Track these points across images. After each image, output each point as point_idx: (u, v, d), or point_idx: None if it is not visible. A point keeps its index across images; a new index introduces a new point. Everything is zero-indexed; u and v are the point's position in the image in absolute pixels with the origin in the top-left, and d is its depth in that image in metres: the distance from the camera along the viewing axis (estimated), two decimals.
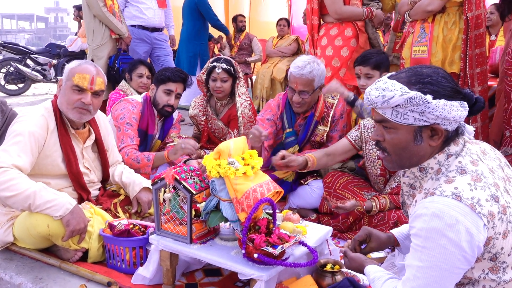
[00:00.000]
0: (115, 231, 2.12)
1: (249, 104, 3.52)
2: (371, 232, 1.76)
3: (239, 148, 1.85)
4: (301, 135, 2.96)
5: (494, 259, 1.29)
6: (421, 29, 3.05)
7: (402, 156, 1.43)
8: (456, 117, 1.34)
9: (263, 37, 7.65)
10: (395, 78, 1.40)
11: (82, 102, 2.27)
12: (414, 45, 3.06)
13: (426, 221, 1.26)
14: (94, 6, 4.42)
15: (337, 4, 3.41)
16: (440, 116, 1.33)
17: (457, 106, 1.33)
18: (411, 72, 1.38)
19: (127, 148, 2.85)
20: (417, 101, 1.32)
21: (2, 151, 2.14)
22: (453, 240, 1.22)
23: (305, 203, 2.91)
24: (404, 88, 1.34)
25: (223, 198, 1.79)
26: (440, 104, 1.31)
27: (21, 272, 2.15)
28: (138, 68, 4.05)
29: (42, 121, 2.24)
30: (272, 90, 6.27)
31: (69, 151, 2.30)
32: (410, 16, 3.13)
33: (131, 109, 2.98)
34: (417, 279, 1.28)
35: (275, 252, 1.65)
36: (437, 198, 1.27)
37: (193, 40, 6.16)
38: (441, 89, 1.33)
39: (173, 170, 1.89)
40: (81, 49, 8.41)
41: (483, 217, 1.23)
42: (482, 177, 1.30)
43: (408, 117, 1.35)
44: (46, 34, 59.97)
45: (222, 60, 3.44)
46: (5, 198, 2.05)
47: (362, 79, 2.88)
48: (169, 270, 1.95)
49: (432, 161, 1.40)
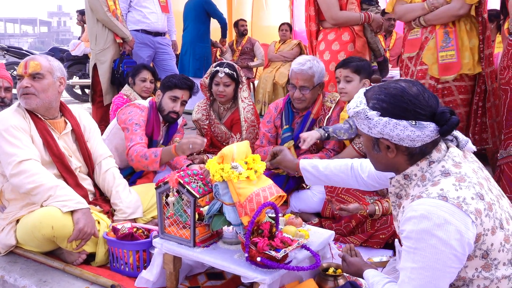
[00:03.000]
0: (119, 234, 2.14)
1: (252, 108, 3.54)
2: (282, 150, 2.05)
3: (242, 152, 1.86)
4: (297, 131, 3.05)
5: (485, 256, 1.31)
6: (445, 34, 3.02)
7: (372, 160, 1.55)
8: (403, 136, 1.36)
9: (265, 42, 7.68)
10: (368, 91, 1.47)
11: (21, 87, 2.35)
12: (440, 50, 3.04)
13: (416, 223, 1.29)
14: (98, 11, 4.44)
15: (333, 10, 3.45)
16: (383, 133, 1.39)
17: (404, 125, 1.35)
18: (380, 87, 1.44)
19: (136, 146, 2.83)
20: (361, 115, 1.41)
21: (11, 147, 2.18)
22: (443, 239, 1.25)
23: (307, 207, 2.92)
24: (362, 102, 1.43)
25: (226, 202, 1.81)
26: (382, 122, 1.37)
27: (25, 275, 2.17)
28: (141, 72, 4.07)
29: (17, 114, 2.32)
30: (274, 94, 6.29)
31: (46, 135, 2.34)
32: (426, 21, 3.08)
33: (139, 112, 3.00)
34: (412, 281, 1.30)
35: (278, 255, 1.66)
36: (424, 200, 1.31)
37: (199, 43, 6.23)
38: (390, 107, 1.37)
39: (176, 174, 1.91)
40: (84, 53, 8.44)
41: (470, 214, 1.26)
42: (466, 177, 1.33)
43: (363, 127, 1.44)
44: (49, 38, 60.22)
45: (225, 65, 3.46)
46: (29, 188, 2.14)
47: (341, 82, 2.89)
48: (172, 273, 1.97)
49: (415, 168, 1.43)
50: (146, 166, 2.79)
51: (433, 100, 1.39)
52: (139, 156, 2.77)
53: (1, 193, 2.33)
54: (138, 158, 2.78)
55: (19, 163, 2.17)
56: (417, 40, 3.15)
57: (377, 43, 3.60)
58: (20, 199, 2.27)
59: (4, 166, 2.22)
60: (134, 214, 2.43)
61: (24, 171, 2.16)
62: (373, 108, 1.40)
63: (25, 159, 2.18)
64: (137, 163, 2.80)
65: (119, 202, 2.44)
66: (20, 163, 2.17)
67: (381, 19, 3.48)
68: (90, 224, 2.13)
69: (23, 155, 2.19)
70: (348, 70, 2.86)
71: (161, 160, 2.76)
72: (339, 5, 3.47)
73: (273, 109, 3.19)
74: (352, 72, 2.85)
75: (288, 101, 3.14)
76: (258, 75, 7.35)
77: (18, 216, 2.26)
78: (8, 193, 2.30)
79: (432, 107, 1.38)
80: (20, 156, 2.18)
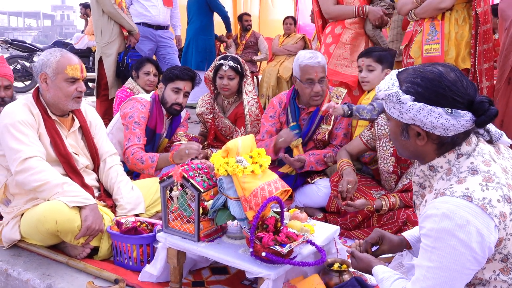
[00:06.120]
0: (123, 228, 2.13)
1: (256, 102, 3.52)
2: (384, 235, 1.73)
3: (247, 146, 1.84)
4: (305, 128, 3.00)
5: (505, 260, 1.28)
6: (431, 27, 3.01)
7: (398, 146, 1.48)
8: (437, 124, 1.30)
9: (271, 36, 7.64)
10: (401, 73, 1.40)
11: (79, 91, 2.33)
12: (425, 43, 3.03)
13: (436, 222, 1.25)
14: (105, 3, 4.41)
15: (325, 5, 3.58)
16: (415, 119, 1.33)
17: (439, 113, 1.29)
18: (416, 70, 1.37)
19: (133, 147, 2.84)
20: (393, 99, 1.35)
21: (17, 143, 2.17)
22: (464, 241, 1.21)
23: (312, 202, 2.90)
24: (395, 84, 1.36)
25: (231, 196, 1.79)
26: (415, 107, 1.31)
27: (29, 268, 2.16)
28: (145, 66, 4.06)
29: (26, 109, 2.28)
30: (278, 88, 6.25)
31: (54, 134, 2.32)
32: (416, 15, 3.09)
33: (140, 108, 2.98)
34: (427, 280, 1.27)
35: (283, 250, 1.65)
36: (447, 198, 1.26)
37: (201, 35, 6.23)
38: (426, 93, 1.31)
39: (181, 168, 1.89)
40: (88, 47, 8.42)
41: (494, 218, 1.22)
42: (494, 178, 1.28)
43: (393, 111, 1.39)
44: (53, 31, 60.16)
45: (229, 58, 3.44)
46: (35, 186, 2.13)
47: (363, 71, 2.88)
48: (176, 267, 1.95)
49: (442, 160, 1.38)
50: (141, 169, 2.81)
51: (471, 88, 1.33)
52: (135, 159, 2.79)
53: (6, 187, 2.32)
54: (134, 161, 2.79)
55: (24, 160, 2.15)
56: (409, 33, 3.18)
57: (377, 36, 3.56)
58: (25, 194, 2.26)
59: (9, 162, 2.20)
60: (134, 210, 2.41)
61: (29, 168, 2.14)
62: (406, 92, 1.33)
63: (30, 157, 2.16)
64: (133, 165, 2.81)
65: (120, 198, 2.43)
66: (25, 161, 2.15)
67: (379, 12, 3.42)
68: (98, 221, 2.14)
69: (29, 152, 2.17)
70: (370, 59, 2.84)
71: (157, 166, 2.79)
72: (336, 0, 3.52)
73: (277, 103, 3.12)
74: (375, 61, 2.83)
75: (293, 97, 3.06)
76: (262, 69, 7.32)
77: (22, 210, 2.25)
78: (13, 188, 2.29)
79: (470, 95, 1.31)
80: (25, 153, 2.16)
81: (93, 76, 5.52)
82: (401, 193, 2.51)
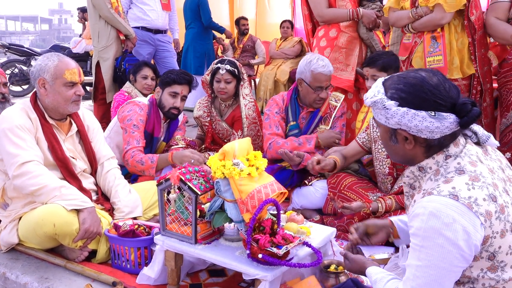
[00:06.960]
0: (120, 231, 2.14)
1: (253, 105, 3.53)
2: (366, 224, 1.82)
3: (243, 149, 1.86)
4: (305, 128, 3.06)
5: (492, 258, 1.30)
6: (432, 40, 3.03)
7: (389, 151, 1.52)
8: (422, 127, 1.33)
9: (268, 39, 7.66)
10: (386, 80, 1.44)
11: (78, 95, 2.35)
12: (428, 56, 3.05)
13: (424, 221, 1.27)
14: (102, 8, 4.43)
15: (318, 8, 3.56)
16: (401, 123, 1.36)
17: (423, 116, 1.32)
18: (399, 76, 1.41)
19: (132, 150, 2.85)
20: (379, 105, 1.39)
21: (14, 148, 2.18)
22: (450, 239, 1.24)
23: (309, 204, 2.92)
24: (380, 91, 1.40)
25: (228, 198, 1.80)
26: (400, 112, 1.34)
27: (27, 271, 2.17)
28: (142, 69, 4.07)
29: (23, 114, 2.30)
30: (275, 92, 6.26)
31: (52, 138, 2.33)
32: (414, 29, 3.10)
33: (138, 111, 2.99)
34: (417, 278, 1.30)
35: (279, 252, 1.66)
36: (434, 197, 1.29)
37: (199, 40, 6.25)
38: (409, 97, 1.34)
39: (178, 171, 1.90)
40: (85, 51, 8.44)
41: (480, 216, 1.25)
42: (480, 177, 1.31)
43: (380, 117, 1.42)
44: (50, 36, 60.14)
45: (226, 62, 3.45)
46: (33, 190, 2.14)
47: (369, 80, 2.89)
48: (174, 270, 1.96)
49: (430, 161, 1.41)
50: (142, 171, 2.84)
51: (454, 91, 1.36)
52: (134, 161, 2.82)
53: (4, 191, 2.33)
54: (134, 163, 2.82)
55: (22, 164, 2.16)
56: (409, 45, 3.17)
57: (371, 39, 3.58)
58: (23, 197, 2.27)
59: (7, 166, 2.21)
60: (132, 214, 2.42)
61: (27, 173, 2.15)
62: (391, 98, 1.37)
63: (27, 161, 2.17)
64: (133, 167, 2.83)
65: (117, 201, 2.44)
66: (23, 165, 2.16)
67: (373, 15, 3.44)
68: (96, 224, 2.15)
69: (26, 156, 2.18)
70: (374, 69, 2.85)
71: (157, 166, 2.83)
72: (328, 3, 3.50)
73: (280, 100, 3.15)
74: (379, 70, 2.83)
75: (294, 96, 3.12)
76: (259, 73, 7.33)
77: (20, 214, 2.26)
78: (11, 191, 2.30)
79: (452, 98, 1.34)
80: (23, 157, 2.17)
81: (90, 80, 5.53)
82: (397, 195, 2.52)
